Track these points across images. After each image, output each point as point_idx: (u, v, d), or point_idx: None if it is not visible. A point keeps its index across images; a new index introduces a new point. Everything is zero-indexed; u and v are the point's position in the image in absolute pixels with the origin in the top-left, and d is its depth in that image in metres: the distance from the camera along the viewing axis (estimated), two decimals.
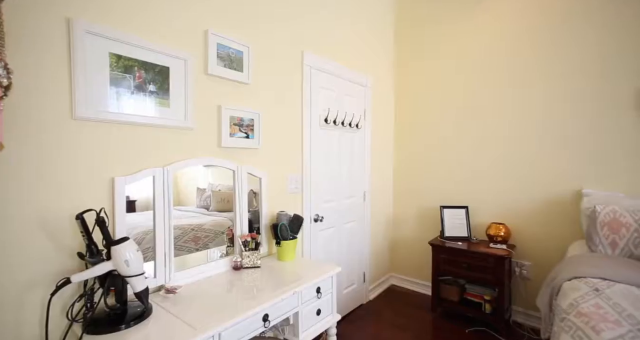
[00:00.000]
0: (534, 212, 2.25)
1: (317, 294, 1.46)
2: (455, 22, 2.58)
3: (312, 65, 2.05)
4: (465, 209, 2.51)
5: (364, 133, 2.61)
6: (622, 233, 1.62)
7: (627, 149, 1.90)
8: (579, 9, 2.03)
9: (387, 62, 2.90)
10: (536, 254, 2.23)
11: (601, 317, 1.07)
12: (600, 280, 1.34)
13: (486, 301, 2.19)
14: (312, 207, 2.11)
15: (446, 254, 2.35)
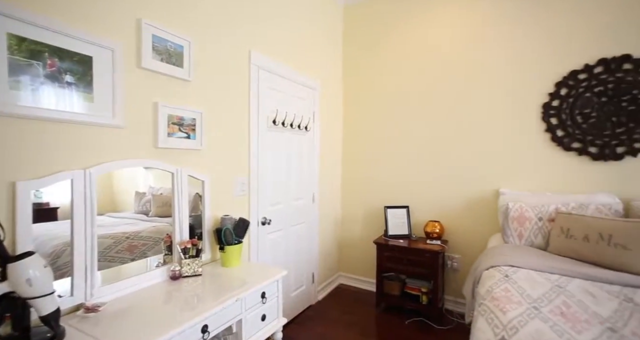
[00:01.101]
0: (463, 210, 2.51)
1: (262, 299, 1.44)
2: (400, 28, 2.76)
3: (260, 66, 2.02)
4: (407, 208, 2.69)
5: (313, 135, 2.65)
6: (526, 226, 1.90)
7: (533, 155, 2.22)
8: (494, 34, 2.32)
9: (336, 66, 2.99)
10: (464, 248, 2.49)
11: (508, 299, 1.24)
12: (510, 267, 1.55)
13: (423, 293, 2.37)
14: (260, 210, 2.07)
15: (389, 252, 2.49)
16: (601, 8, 1.98)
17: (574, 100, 2.04)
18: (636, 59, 1.87)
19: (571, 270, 1.47)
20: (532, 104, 2.22)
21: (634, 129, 1.87)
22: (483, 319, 1.17)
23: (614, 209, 1.78)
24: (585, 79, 2.00)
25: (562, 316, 1.11)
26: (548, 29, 2.14)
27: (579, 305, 1.19)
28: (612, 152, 1.94)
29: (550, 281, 1.40)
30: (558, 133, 2.11)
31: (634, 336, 0.98)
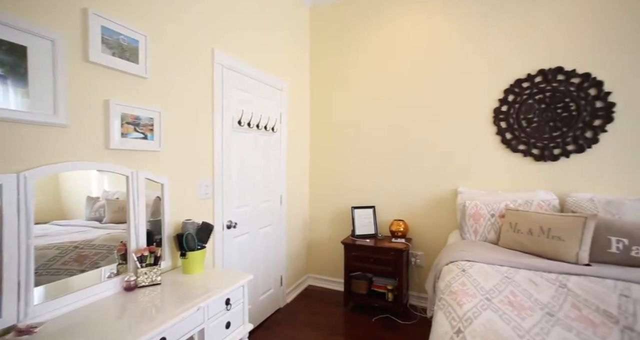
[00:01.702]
0: (425, 209, 2.63)
1: (227, 305, 1.39)
2: (364, 34, 2.83)
3: (225, 65, 1.96)
4: (373, 208, 2.77)
5: (280, 136, 2.63)
6: (481, 222, 2.05)
7: (486, 156, 2.39)
8: (452, 44, 2.48)
9: (304, 68, 3.00)
10: (427, 245, 2.61)
11: (464, 292, 1.32)
12: (466, 262, 1.66)
13: (389, 290, 2.45)
14: (225, 213, 2.01)
15: (356, 251, 2.54)
16: (539, 25, 2.18)
17: (519, 106, 2.24)
18: (567, 71, 2.10)
19: (518, 261, 1.60)
20: (484, 109, 2.39)
21: (567, 133, 2.10)
22: (442, 313, 1.23)
23: (552, 205, 1.98)
24: (528, 87, 2.21)
25: (509, 305, 1.20)
26: (497, 42, 2.32)
27: (524, 293, 1.30)
28: (550, 153, 2.16)
29: (501, 273, 1.52)
30: (507, 136, 2.30)
31: (566, 318, 1.09)
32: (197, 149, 1.80)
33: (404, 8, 2.65)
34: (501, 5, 2.30)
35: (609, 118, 1.99)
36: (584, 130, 2.06)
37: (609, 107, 1.99)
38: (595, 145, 2.05)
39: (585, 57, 2.07)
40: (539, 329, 1.03)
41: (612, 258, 1.58)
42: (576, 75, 2.07)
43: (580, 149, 2.07)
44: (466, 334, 1.04)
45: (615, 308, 1.14)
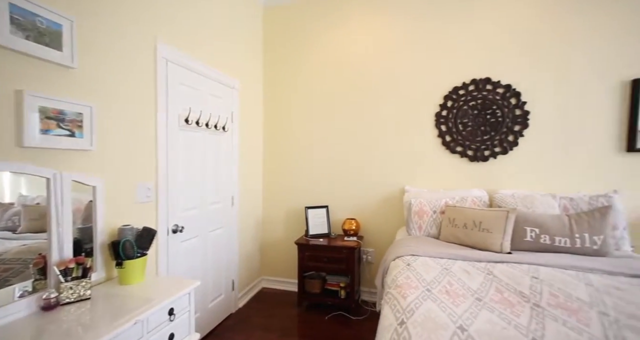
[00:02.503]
0: (376, 207, 2.75)
1: (170, 316, 1.30)
2: (317, 35, 2.87)
3: (170, 59, 1.83)
4: (326, 208, 2.81)
5: (231, 136, 2.54)
6: (425, 219, 2.21)
7: (430, 156, 2.59)
8: (401, 49, 2.63)
9: (256, 67, 2.94)
10: (377, 241, 2.73)
11: (409, 285, 1.41)
12: (411, 256, 1.77)
13: (342, 288, 2.52)
14: (171, 216, 1.88)
15: (310, 251, 2.56)
16: (474, 40, 2.43)
17: (456, 111, 2.46)
18: (494, 81, 2.37)
19: (455, 254, 1.76)
20: (428, 113, 2.58)
21: (494, 136, 2.36)
22: (388, 306, 1.30)
23: (483, 201, 2.22)
24: (464, 94, 2.44)
25: (446, 294, 1.31)
26: (439, 52, 2.52)
27: (459, 283, 1.43)
28: (481, 154, 2.41)
29: (440, 265, 1.65)
30: (446, 138, 2.51)
31: (491, 302, 1.22)
32: (138, 148, 1.65)
33: (352, 14, 2.74)
34: (443, 20, 2.50)
35: (525, 124, 2.30)
36: (507, 135, 2.34)
37: (525, 115, 2.30)
38: (516, 147, 2.34)
39: (507, 71, 2.35)
40: (469, 313, 1.14)
41: (527, 246, 1.82)
42: (501, 85, 2.35)
43: (504, 151, 2.35)
44: (408, 324, 1.11)
45: (527, 289, 1.32)
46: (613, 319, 1.07)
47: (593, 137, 2.19)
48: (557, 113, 2.26)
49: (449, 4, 2.48)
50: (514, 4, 2.33)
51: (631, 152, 2.09)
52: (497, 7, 2.37)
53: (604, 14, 2.14)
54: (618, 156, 2.14)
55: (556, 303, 1.20)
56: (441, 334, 1.04)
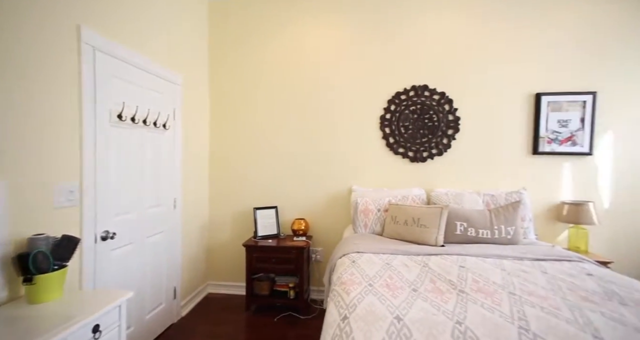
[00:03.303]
0: (324, 207, 2.81)
1: (95, 334, 1.17)
2: (268, 33, 2.82)
3: (98, 47, 1.65)
4: (275, 208, 2.79)
5: (174, 134, 2.38)
6: (370, 217, 2.32)
7: (375, 157, 2.72)
8: (349, 52, 2.73)
9: (202, 63, 2.79)
10: (326, 240, 2.79)
11: (353, 281, 1.47)
12: (356, 253, 1.85)
13: (291, 288, 2.52)
14: (100, 222, 1.69)
15: (259, 253, 2.52)
16: (414, 49, 2.62)
17: (399, 115, 2.63)
18: (431, 89, 2.59)
19: (396, 249, 1.89)
20: (373, 116, 2.71)
21: (431, 139, 2.59)
22: (332, 303, 1.34)
23: (422, 199, 2.41)
24: (405, 99, 2.62)
25: (387, 287, 1.40)
26: (385, 58, 2.67)
27: (398, 276, 1.54)
28: (421, 156, 2.62)
29: (383, 260, 1.75)
30: (390, 140, 2.67)
31: (425, 292, 1.34)
32: (59, 146, 1.45)
33: (302, 14, 2.76)
34: (389, 29, 2.65)
35: (457, 129, 2.56)
36: (442, 138, 2.58)
37: (457, 120, 2.56)
38: (449, 149, 2.59)
39: (442, 79, 2.59)
40: (405, 303, 1.24)
41: (457, 238, 2.03)
42: (437, 93, 2.58)
43: (440, 152, 2.59)
44: (351, 319, 1.16)
45: (455, 277, 1.47)
46: (517, 297, 1.25)
47: (508, 141, 2.52)
48: (480, 120, 2.55)
49: (394, 16, 2.64)
50: (450, 20, 2.57)
51: (535, 155, 2.46)
52: (434, 22, 2.59)
53: (514, 36, 2.48)
54: (527, 158, 2.50)
55: (477, 288, 1.36)
56: (380, 325, 1.10)
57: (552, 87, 2.44)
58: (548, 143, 2.44)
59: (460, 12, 2.56)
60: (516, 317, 1.11)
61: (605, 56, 2.38)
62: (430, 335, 1.03)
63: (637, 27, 2.34)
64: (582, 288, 1.34)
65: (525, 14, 2.47)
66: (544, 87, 2.45)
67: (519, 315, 1.12)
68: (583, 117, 2.39)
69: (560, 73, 2.44)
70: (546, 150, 2.45)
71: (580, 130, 2.40)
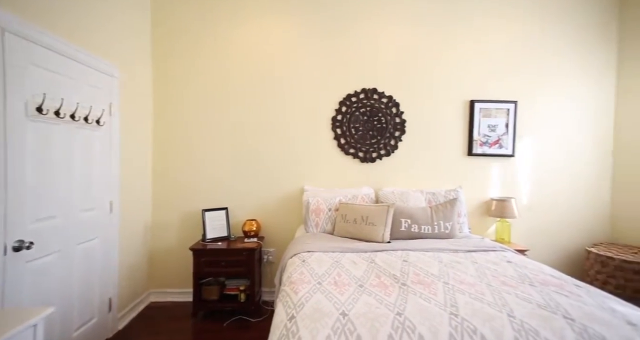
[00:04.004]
0: (276, 207, 2.78)
1: None
2: (218, 28, 2.70)
3: (7, 27, 1.42)
4: (225, 210, 2.69)
5: (110, 131, 2.16)
6: (321, 216, 2.36)
7: (327, 157, 2.77)
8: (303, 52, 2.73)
9: (144, 56, 2.58)
10: (278, 241, 2.77)
11: (302, 281, 1.48)
12: (307, 253, 1.87)
13: (241, 291, 2.45)
14: (12, 230, 1.46)
15: (207, 256, 2.41)
16: (366, 54, 2.72)
17: (349, 116, 2.72)
18: (380, 92, 2.72)
19: (345, 247, 1.94)
20: (325, 117, 2.76)
21: (380, 140, 2.72)
22: (280, 304, 1.33)
23: (371, 198, 2.52)
24: (356, 101, 2.71)
25: (334, 285, 1.43)
26: (337, 61, 2.72)
27: (346, 273, 1.58)
28: (370, 156, 2.73)
29: (332, 258, 1.79)
30: (341, 141, 2.74)
31: (371, 287, 1.40)
32: None
33: (254, 12, 2.70)
34: (341, 32, 2.72)
35: (403, 131, 2.72)
36: (390, 139, 2.73)
37: (403, 123, 2.72)
38: (397, 150, 2.74)
39: (390, 83, 2.73)
40: (351, 299, 1.28)
41: (402, 234, 2.16)
42: (385, 96, 2.71)
43: (388, 153, 2.73)
44: (298, 318, 1.16)
45: (399, 271, 1.57)
46: (451, 286, 1.38)
47: (448, 143, 2.76)
48: (424, 123, 2.74)
49: (346, 20, 2.71)
50: (397, 28, 2.72)
51: (470, 156, 2.73)
52: (384, 29, 2.72)
53: (453, 48, 2.72)
54: (463, 159, 2.75)
55: (417, 280, 1.47)
56: (326, 321, 1.13)
57: (483, 95, 2.72)
58: (480, 145, 2.72)
59: (406, 23, 2.72)
60: (448, 304, 1.21)
61: (526, 70, 2.72)
62: (372, 328, 1.08)
63: (552, 46, 2.71)
64: (502, 274, 1.52)
65: (462, 30, 2.71)
66: (477, 95, 2.72)
67: (451, 303, 1.23)
68: (507, 123, 2.71)
69: (490, 83, 2.73)
70: (479, 152, 2.72)
71: (505, 134, 2.72)
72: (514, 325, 1.06)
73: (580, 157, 2.74)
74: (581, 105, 2.73)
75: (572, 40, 2.71)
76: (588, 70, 2.72)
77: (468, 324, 1.08)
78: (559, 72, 2.72)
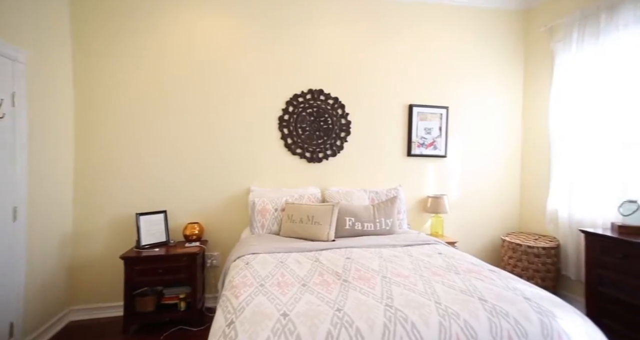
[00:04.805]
0: (221, 209, 2.66)
1: None
2: (151, 17, 2.49)
3: None
4: (164, 213, 2.49)
5: (13, 124, 1.86)
6: (267, 217, 2.32)
7: (274, 157, 2.73)
8: (248, 50, 2.66)
9: (62, 42, 2.25)
10: (223, 244, 2.65)
11: (244, 284, 1.44)
12: (251, 255, 1.82)
13: (181, 300, 2.29)
14: None
15: (142, 265, 2.20)
16: (312, 55, 2.75)
17: (296, 116, 2.72)
18: (326, 93, 2.77)
19: (291, 247, 1.94)
20: (272, 116, 2.72)
21: (327, 141, 2.77)
22: (220, 309, 1.27)
23: (317, 197, 2.55)
24: (302, 101, 2.72)
25: (277, 286, 1.42)
26: (285, 60, 2.70)
27: (290, 273, 1.58)
28: (317, 156, 2.77)
29: (277, 259, 1.77)
30: (288, 141, 2.73)
31: (313, 285, 1.42)
32: None
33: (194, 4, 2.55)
34: (289, 33, 2.70)
35: (349, 132, 2.82)
36: (336, 140, 2.79)
37: (348, 124, 2.81)
38: (342, 151, 2.82)
39: (336, 85, 2.80)
40: (293, 299, 1.28)
41: (347, 232, 2.23)
42: (331, 97, 2.77)
43: (334, 153, 2.79)
44: (237, 323, 1.12)
45: (341, 268, 1.61)
46: (388, 279, 1.46)
47: (390, 144, 2.92)
48: (368, 124, 2.87)
49: (293, 21, 2.70)
50: (343, 31, 2.79)
51: (409, 156, 2.94)
52: (330, 32, 2.77)
53: (395, 55, 2.89)
54: (403, 159, 2.95)
55: (358, 276, 1.52)
56: (266, 324, 1.11)
57: (420, 100, 2.94)
58: (418, 147, 2.94)
59: (349, 28, 2.81)
60: (385, 296, 1.28)
61: (455, 79, 3.01)
62: (312, 326, 1.09)
63: (476, 60, 3.04)
64: (433, 265, 1.67)
65: (398, 40, 2.89)
66: (415, 100, 2.94)
67: (387, 295, 1.30)
68: (441, 126, 2.97)
69: (426, 89, 2.96)
70: (417, 152, 2.94)
71: (439, 137, 2.98)
72: (440, 311, 1.16)
73: (497, 160, 3.12)
74: (497, 115, 3.11)
75: (492, 56, 3.07)
76: (505, 83, 3.11)
77: (401, 313, 1.15)
78: (481, 83, 3.06)
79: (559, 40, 2.62)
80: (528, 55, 3.08)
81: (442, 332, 1.10)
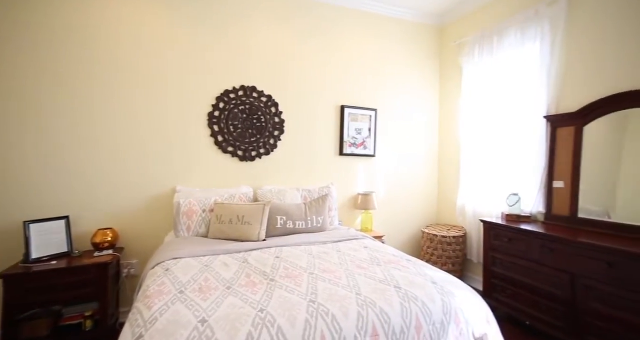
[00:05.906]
0: (141, 212, 2.39)
1: None
2: None
3: None
4: (66, 219, 2.13)
5: None
6: (194, 219, 2.18)
7: (203, 156, 2.57)
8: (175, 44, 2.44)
9: None
10: (143, 251, 2.39)
11: (160, 292, 1.31)
12: (173, 260, 1.68)
13: (87, 318, 2.00)
14: None
15: (34, 282, 1.85)
16: (246, 52, 2.65)
17: (228, 113, 2.60)
18: (259, 90, 2.71)
19: (218, 249, 1.84)
20: (201, 113, 2.55)
21: (260, 139, 2.72)
22: (128, 324, 1.14)
23: (249, 197, 2.48)
24: (234, 98, 2.62)
25: (199, 291, 1.33)
26: (215, 54, 2.55)
27: (216, 277, 1.50)
28: (250, 155, 2.69)
29: (202, 263, 1.66)
30: (219, 138, 2.59)
31: (239, 287, 1.37)
32: None
33: None
34: (221, 28, 2.56)
35: (282, 131, 2.80)
36: (269, 138, 2.75)
37: (282, 123, 2.80)
38: (276, 149, 2.79)
39: (269, 83, 2.75)
40: (215, 304, 1.21)
41: (278, 231, 2.22)
42: (264, 95, 2.72)
43: (267, 152, 2.75)
44: (146, 337, 1.02)
45: (270, 268, 1.59)
46: (315, 275, 1.49)
47: (323, 143, 3.00)
48: (301, 123, 2.89)
49: (225, 14, 2.57)
50: (276, 29, 2.76)
51: (341, 155, 3.06)
52: (263, 29, 2.71)
53: (327, 56, 2.97)
54: (335, 158, 3.05)
55: (286, 274, 1.52)
56: (181, 333, 1.03)
57: (351, 102, 3.08)
58: (349, 146, 3.08)
59: (286, 26, 2.80)
60: (310, 292, 1.31)
61: (384, 82, 3.23)
62: (232, 330, 1.06)
63: (402, 67, 3.31)
64: (359, 259, 1.76)
65: (334, 41, 2.99)
66: (347, 101, 3.07)
67: (312, 291, 1.32)
68: (370, 128, 3.16)
69: (357, 91, 3.12)
70: (348, 152, 3.07)
71: (369, 137, 3.16)
72: (359, 302, 1.23)
73: (419, 159, 3.45)
74: (419, 118, 3.44)
75: (414, 64, 3.38)
76: (426, 89, 3.45)
77: (323, 308, 1.18)
78: (405, 88, 3.35)
79: (466, 55, 3.03)
80: (443, 64, 3.47)
81: (360, 321, 1.16)
